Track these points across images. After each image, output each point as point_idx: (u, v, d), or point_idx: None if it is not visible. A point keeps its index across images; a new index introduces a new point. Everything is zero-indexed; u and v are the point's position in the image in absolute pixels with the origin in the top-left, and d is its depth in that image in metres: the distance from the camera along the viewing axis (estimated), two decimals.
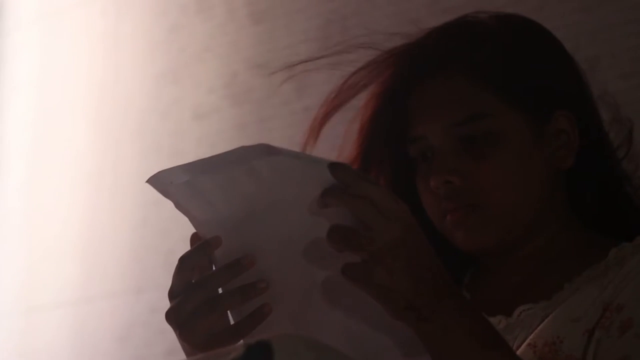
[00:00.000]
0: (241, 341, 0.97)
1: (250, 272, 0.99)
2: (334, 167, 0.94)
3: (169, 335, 2.73)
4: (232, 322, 1.02)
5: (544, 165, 1.19)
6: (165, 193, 1.02)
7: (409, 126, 1.21)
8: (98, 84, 3.00)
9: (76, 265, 2.89)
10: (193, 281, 1.01)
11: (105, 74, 2.99)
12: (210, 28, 2.74)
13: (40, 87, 3.16)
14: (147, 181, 1.02)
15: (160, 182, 1.01)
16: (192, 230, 1.04)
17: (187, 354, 1.04)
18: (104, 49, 3.01)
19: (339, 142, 1.28)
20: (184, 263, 1.01)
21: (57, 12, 3.13)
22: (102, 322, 2.77)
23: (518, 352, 1.11)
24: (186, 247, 2.43)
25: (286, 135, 2.48)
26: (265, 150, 0.95)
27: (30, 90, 3.18)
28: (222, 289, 1.00)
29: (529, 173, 1.18)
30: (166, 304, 1.02)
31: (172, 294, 1.02)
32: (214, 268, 1.02)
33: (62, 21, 3.12)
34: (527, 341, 1.13)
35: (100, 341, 2.76)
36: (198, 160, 0.99)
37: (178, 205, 1.02)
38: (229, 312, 1.02)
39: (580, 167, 1.21)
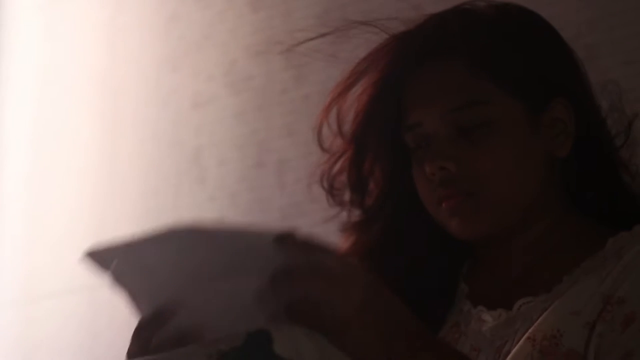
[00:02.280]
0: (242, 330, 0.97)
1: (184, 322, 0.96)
2: (279, 240, 0.90)
3: None
4: None
5: (541, 153, 1.19)
6: (104, 268, 1.00)
7: (405, 114, 1.20)
8: (98, 72, 2.99)
9: (76, 256, 2.88)
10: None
11: (104, 63, 2.99)
12: (210, 16, 2.73)
13: (40, 76, 3.16)
14: (85, 255, 1.01)
15: (102, 258, 0.99)
16: (192, 219, 1.03)
17: None
18: (104, 38, 3.01)
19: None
20: (140, 334, 0.97)
21: (57, 2, 3.13)
22: (101, 311, 2.77)
23: (517, 347, 1.11)
24: None
25: (285, 122, 2.49)
26: (199, 230, 0.91)
27: (30, 80, 3.18)
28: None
29: (525, 160, 1.18)
30: None
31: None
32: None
33: (62, 11, 3.12)
34: (527, 335, 1.12)
35: (100, 331, 2.77)
36: (131, 239, 0.97)
37: (117, 281, 0.99)
38: None
39: (577, 155, 1.20)
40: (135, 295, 0.98)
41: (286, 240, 0.91)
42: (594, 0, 1.99)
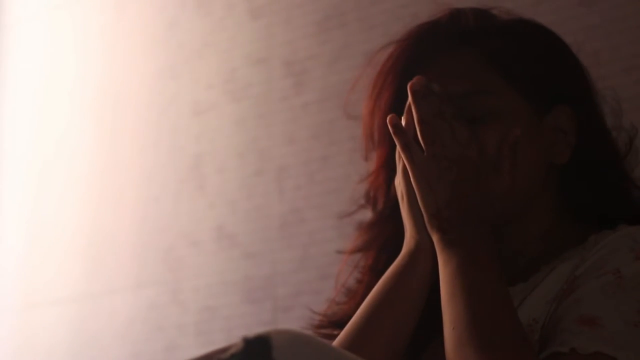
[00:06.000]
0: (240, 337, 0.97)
1: None
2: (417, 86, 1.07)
3: (168, 331, 2.72)
4: None
5: (538, 154, 1.20)
6: None
7: None
8: (97, 79, 2.99)
9: (76, 262, 2.88)
10: None
11: (104, 70, 2.98)
12: (209, 24, 2.73)
13: (39, 82, 3.16)
14: None
15: None
16: (191, 226, 1.03)
17: None
18: (103, 45, 3.01)
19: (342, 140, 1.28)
20: None
21: (57, 8, 3.13)
22: (101, 318, 2.77)
23: None
24: (185, 243, 2.43)
25: (285, 130, 2.48)
26: None
27: (30, 86, 3.18)
28: None
29: (524, 149, 1.19)
30: (165, 300, 1.02)
31: None
32: None
33: (61, 17, 3.12)
34: None
35: (99, 337, 2.76)
36: None
37: None
38: None
39: (576, 163, 1.21)
40: None
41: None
42: (594, 8, 1.99)
